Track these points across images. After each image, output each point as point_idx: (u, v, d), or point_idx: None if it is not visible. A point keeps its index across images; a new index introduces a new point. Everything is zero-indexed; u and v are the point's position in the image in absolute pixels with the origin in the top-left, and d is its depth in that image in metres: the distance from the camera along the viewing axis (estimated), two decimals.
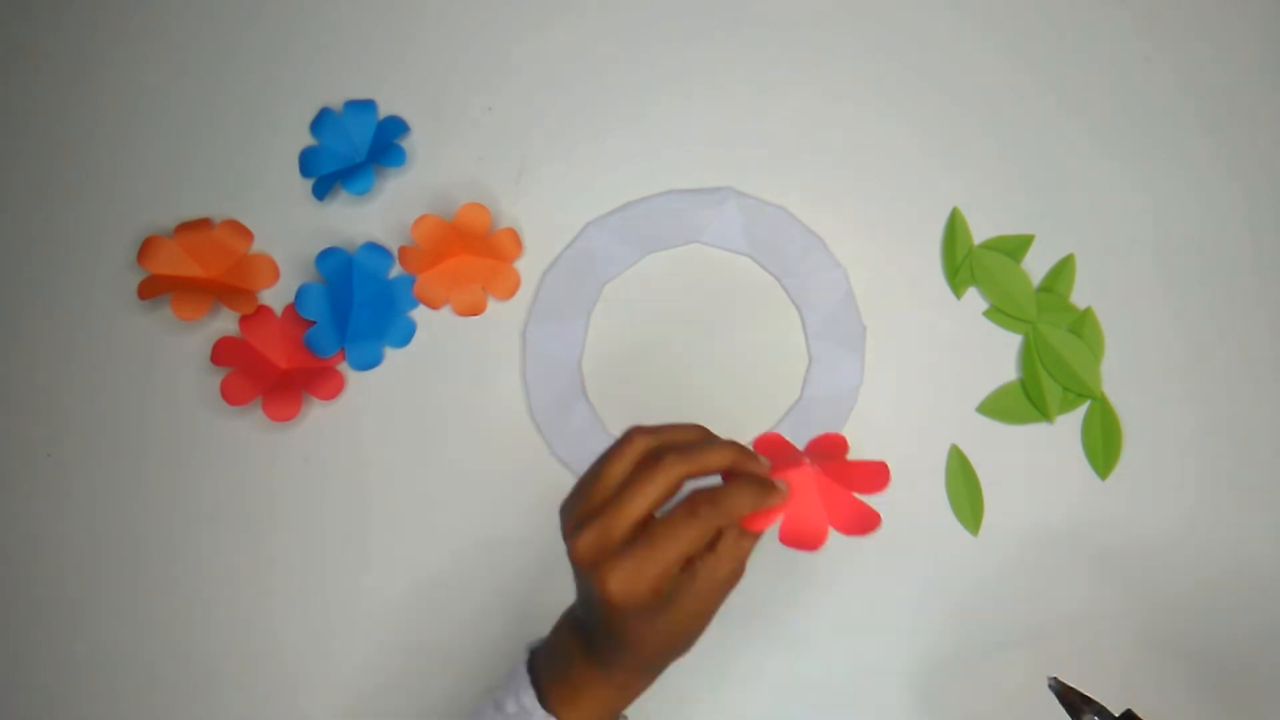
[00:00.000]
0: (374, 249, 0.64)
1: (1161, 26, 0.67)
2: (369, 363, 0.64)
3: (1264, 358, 0.63)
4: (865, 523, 0.49)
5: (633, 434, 0.46)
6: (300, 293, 0.64)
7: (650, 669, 0.48)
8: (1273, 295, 0.64)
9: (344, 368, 0.64)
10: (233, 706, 0.61)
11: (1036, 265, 0.64)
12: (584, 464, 0.61)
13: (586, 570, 0.43)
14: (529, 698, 0.47)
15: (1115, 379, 0.63)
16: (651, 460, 0.44)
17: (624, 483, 0.44)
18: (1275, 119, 0.66)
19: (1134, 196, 0.65)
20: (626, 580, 0.43)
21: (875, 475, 0.50)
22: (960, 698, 0.60)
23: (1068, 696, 0.48)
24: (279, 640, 0.62)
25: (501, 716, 0.48)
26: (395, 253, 0.65)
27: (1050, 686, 0.49)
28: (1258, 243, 0.65)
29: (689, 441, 0.46)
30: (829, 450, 0.51)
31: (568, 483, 0.62)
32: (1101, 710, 0.48)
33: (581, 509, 0.45)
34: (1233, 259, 0.64)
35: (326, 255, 0.64)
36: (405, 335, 0.64)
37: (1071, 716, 0.48)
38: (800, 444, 0.52)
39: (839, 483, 0.50)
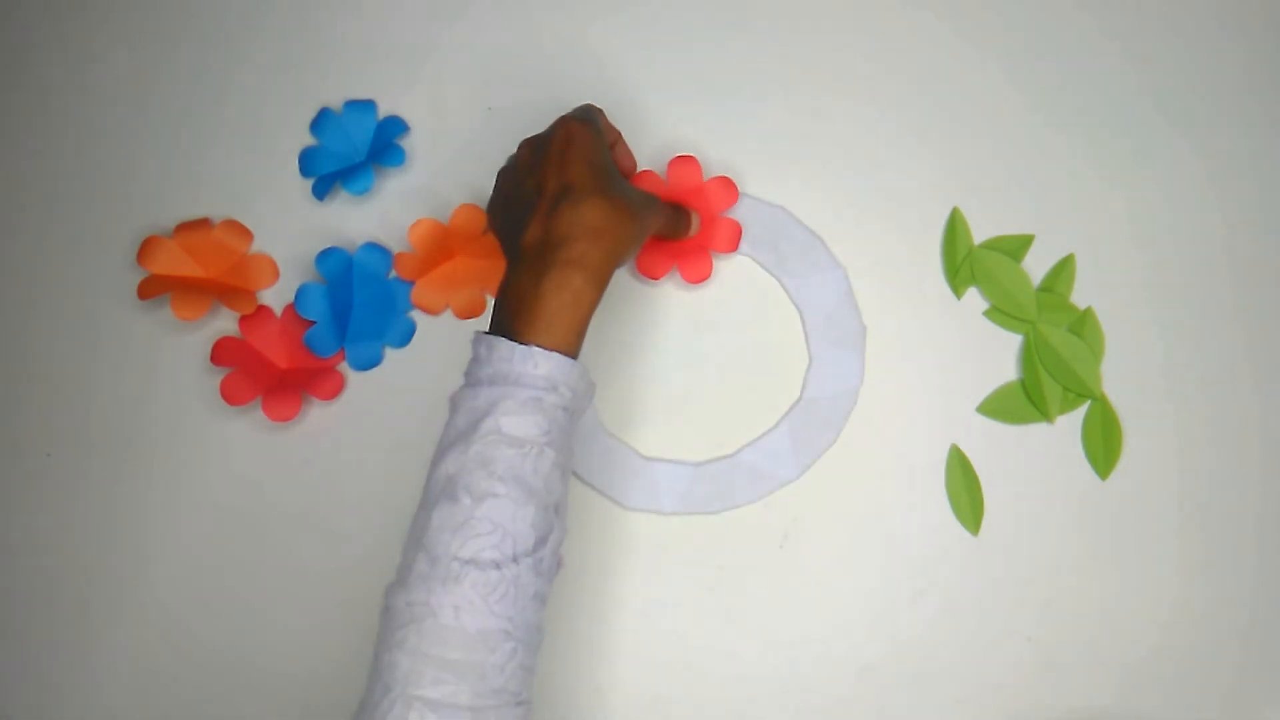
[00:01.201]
0: (374, 249, 0.64)
1: (1162, 26, 0.67)
2: (369, 363, 0.64)
3: (1264, 357, 0.63)
4: (733, 235, 0.63)
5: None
6: (300, 293, 0.64)
7: (599, 255, 0.51)
8: (1274, 295, 0.64)
9: (344, 368, 0.64)
10: (231, 706, 0.62)
11: (1036, 265, 0.65)
12: (585, 464, 0.62)
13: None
14: (501, 344, 0.48)
15: (1115, 379, 0.63)
16: None
17: None
18: (1275, 119, 0.66)
19: (1134, 196, 0.65)
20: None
21: (726, 188, 0.63)
22: (958, 697, 0.61)
23: None
24: (278, 640, 0.62)
25: (480, 388, 0.48)
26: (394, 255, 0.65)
27: None
28: (1259, 242, 0.65)
29: None
30: (685, 174, 0.63)
31: (568, 482, 0.62)
32: None
33: None
34: (1233, 259, 0.64)
35: (326, 255, 0.64)
36: (405, 335, 0.64)
37: None
38: (795, 445, 0.61)
39: (701, 206, 0.62)
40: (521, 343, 0.48)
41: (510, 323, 0.50)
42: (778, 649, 0.61)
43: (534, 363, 0.48)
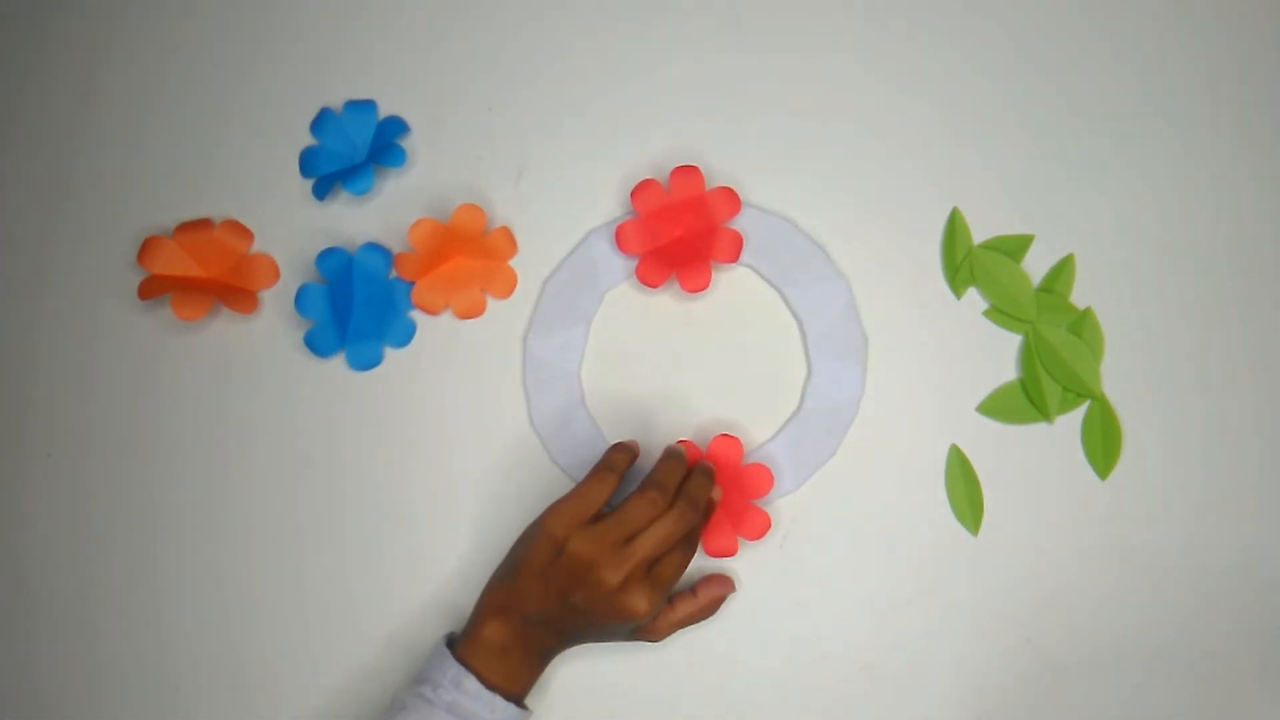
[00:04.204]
0: (374, 249, 0.64)
1: (1162, 24, 0.67)
2: (369, 363, 0.64)
3: (1264, 357, 0.63)
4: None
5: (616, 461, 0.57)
6: (300, 293, 0.64)
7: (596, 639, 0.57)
8: (1273, 294, 0.64)
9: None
10: (231, 705, 0.62)
11: (1036, 265, 0.64)
12: (583, 472, 0.61)
13: (622, 598, 0.53)
14: (471, 682, 0.53)
15: (1115, 379, 0.63)
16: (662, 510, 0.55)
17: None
18: (1276, 116, 0.66)
19: (1134, 196, 0.65)
20: (642, 597, 0.53)
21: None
22: (958, 697, 0.61)
23: None
24: (278, 640, 0.62)
25: (438, 707, 0.52)
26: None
27: None
28: (1258, 241, 0.64)
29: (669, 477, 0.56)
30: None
31: (567, 489, 0.62)
32: None
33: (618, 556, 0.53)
34: (1233, 258, 0.64)
35: (327, 255, 0.64)
36: (405, 335, 0.64)
37: None
38: (794, 457, 0.63)
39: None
40: (488, 684, 0.53)
41: (488, 659, 0.54)
42: (778, 649, 0.61)
43: (492, 709, 0.53)
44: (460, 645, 0.55)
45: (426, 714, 0.52)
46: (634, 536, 0.53)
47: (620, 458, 0.57)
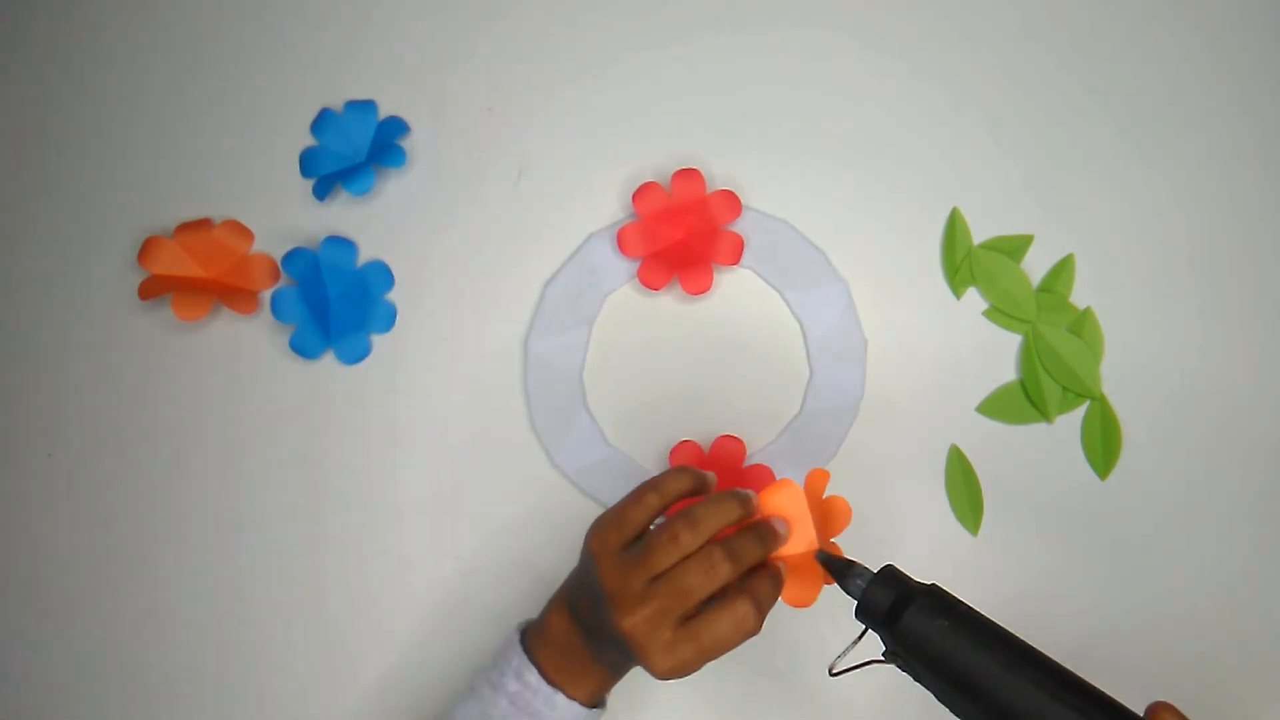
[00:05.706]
0: (337, 241, 0.64)
1: (1162, 25, 0.67)
2: (358, 356, 0.64)
3: (1263, 357, 0.63)
4: (735, 250, 0.62)
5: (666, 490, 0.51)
6: (275, 299, 0.64)
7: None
8: (1272, 294, 0.64)
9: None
10: (228, 703, 0.62)
11: (1036, 265, 0.65)
12: (584, 474, 0.62)
13: (637, 644, 0.47)
14: (532, 675, 0.50)
15: (1115, 379, 0.63)
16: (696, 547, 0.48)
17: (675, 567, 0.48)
18: (1275, 118, 0.66)
19: (1133, 196, 0.65)
20: (664, 652, 0.47)
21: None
22: None
23: (831, 564, 0.49)
24: (280, 639, 0.62)
25: (501, 695, 0.51)
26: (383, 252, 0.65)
27: (817, 557, 0.49)
28: (1257, 242, 0.65)
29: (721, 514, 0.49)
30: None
31: (568, 492, 0.62)
32: (863, 571, 0.48)
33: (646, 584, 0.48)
34: (1232, 258, 0.64)
35: (291, 257, 0.64)
36: (388, 319, 0.64)
37: (838, 581, 0.48)
38: (794, 459, 0.62)
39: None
40: (549, 680, 0.50)
41: (552, 655, 0.51)
42: (777, 650, 0.61)
43: (553, 706, 0.50)
44: (530, 635, 0.52)
45: (491, 700, 0.51)
46: (660, 576, 0.47)
47: (673, 483, 0.50)
